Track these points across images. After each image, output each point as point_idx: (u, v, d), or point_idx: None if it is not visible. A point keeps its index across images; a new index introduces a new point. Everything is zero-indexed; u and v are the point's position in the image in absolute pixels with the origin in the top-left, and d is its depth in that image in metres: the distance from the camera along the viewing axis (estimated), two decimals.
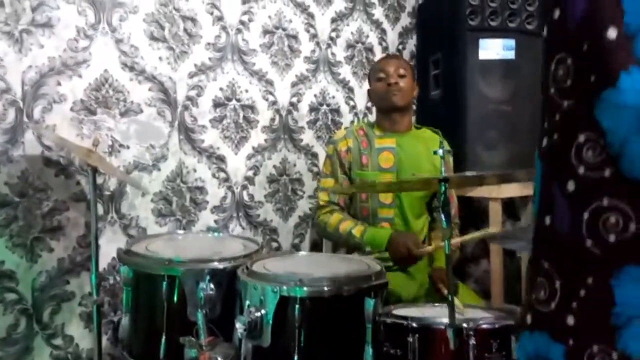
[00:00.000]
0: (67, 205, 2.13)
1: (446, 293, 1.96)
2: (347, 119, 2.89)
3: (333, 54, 2.84)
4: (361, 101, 2.93)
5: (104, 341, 2.14)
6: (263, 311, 1.52)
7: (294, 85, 2.71)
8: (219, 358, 1.60)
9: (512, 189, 2.60)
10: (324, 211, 2.26)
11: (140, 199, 2.30)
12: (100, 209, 2.18)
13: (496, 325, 1.55)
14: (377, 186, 2.18)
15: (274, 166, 2.66)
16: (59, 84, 2.10)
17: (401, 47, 3.08)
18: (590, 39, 0.72)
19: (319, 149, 2.78)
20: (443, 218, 1.48)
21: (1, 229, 2.00)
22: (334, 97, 2.84)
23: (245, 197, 2.58)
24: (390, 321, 1.56)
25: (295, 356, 1.49)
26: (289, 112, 2.70)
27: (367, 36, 2.96)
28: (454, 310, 1.44)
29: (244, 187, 2.57)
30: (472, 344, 1.48)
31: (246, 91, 2.56)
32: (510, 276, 2.79)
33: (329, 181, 2.29)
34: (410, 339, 1.52)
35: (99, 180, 2.11)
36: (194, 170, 2.43)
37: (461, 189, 2.52)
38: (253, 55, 2.58)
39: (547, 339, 0.77)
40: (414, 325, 1.53)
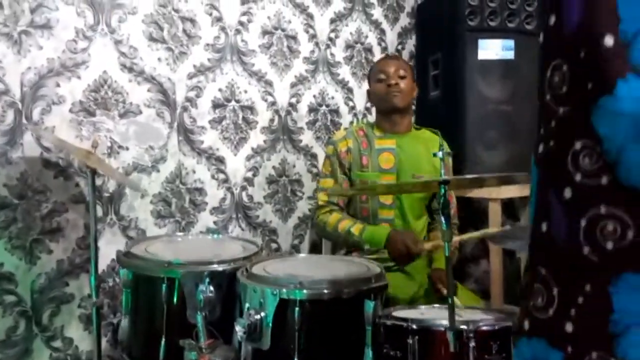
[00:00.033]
0: (66, 207, 2.13)
1: (445, 293, 1.98)
2: (346, 119, 2.88)
3: (332, 54, 2.84)
4: (360, 102, 2.92)
5: (104, 343, 2.15)
6: (263, 314, 1.52)
7: (293, 85, 2.71)
8: None
9: (511, 190, 2.60)
10: (323, 211, 2.26)
11: (139, 201, 2.30)
12: (99, 210, 2.18)
13: (496, 327, 1.54)
14: (377, 188, 2.18)
15: (273, 167, 2.66)
16: (57, 85, 2.10)
17: (400, 47, 3.08)
18: (587, 46, 0.72)
19: (318, 149, 2.77)
20: (443, 220, 1.48)
21: (0, 231, 2.00)
22: (333, 97, 2.84)
23: (245, 198, 2.58)
24: (390, 323, 1.56)
25: (295, 359, 1.49)
26: (288, 113, 2.70)
27: (366, 36, 2.96)
28: (454, 312, 1.44)
29: (243, 188, 2.57)
30: (472, 346, 1.48)
31: (245, 92, 2.56)
32: (510, 276, 2.79)
33: (328, 181, 2.29)
34: (410, 340, 1.52)
35: (98, 181, 2.11)
36: (193, 172, 2.43)
37: (461, 190, 2.52)
38: (252, 56, 2.58)
39: (545, 345, 0.77)
40: (414, 327, 1.53)
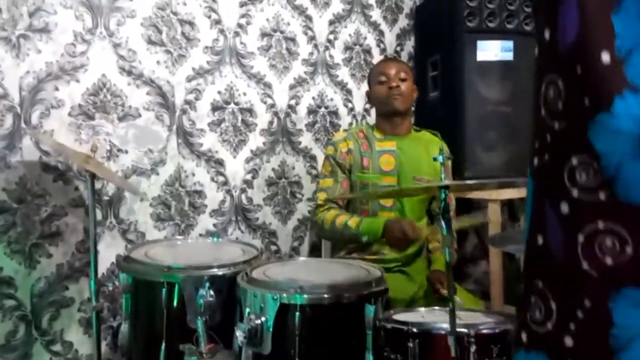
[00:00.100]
0: (65, 211, 2.12)
1: (444, 293, 1.99)
2: (345, 121, 2.88)
3: (331, 56, 2.83)
4: (359, 103, 2.92)
5: (103, 347, 2.14)
6: (263, 318, 1.52)
7: (292, 87, 2.70)
8: None
9: (511, 191, 2.59)
10: (321, 210, 2.27)
11: (138, 204, 2.29)
12: (98, 214, 2.17)
13: (496, 330, 1.55)
14: (377, 193, 2.19)
15: (273, 169, 2.66)
16: (56, 89, 2.10)
17: (399, 48, 3.08)
18: (584, 62, 0.71)
19: (317, 151, 2.77)
20: (443, 225, 1.48)
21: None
22: (332, 99, 2.84)
23: (244, 201, 2.57)
24: (390, 326, 1.56)
25: None
26: (287, 115, 2.69)
27: (365, 38, 2.95)
28: (455, 317, 1.44)
29: (242, 190, 2.56)
30: (472, 349, 1.49)
31: (244, 94, 2.55)
32: (510, 277, 2.79)
33: (328, 181, 2.29)
34: (411, 344, 1.53)
35: (97, 185, 2.10)
36: (193, 174, 2.43)
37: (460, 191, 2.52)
38: (251, 58, 2.58)
39: (545, 359, 0.77)
40: (415, 330, 1.53)
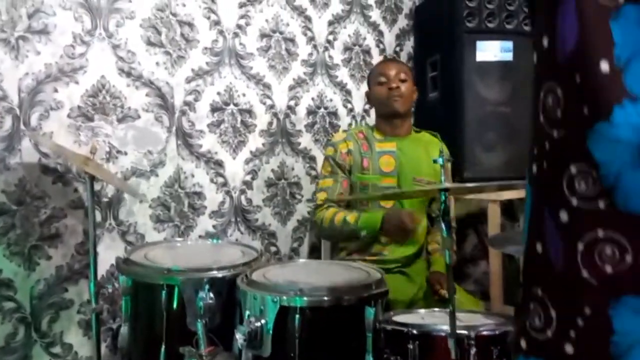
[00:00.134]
0: (64, 213, 2.12)
1: (444, 294, 1.99)
2: (344, 121, 2.88)
3: (330, 56, 2.83)
4: (359, 104, 2.92)
5: (103, 349, 2.14)
6: (263, 321, 1.51)
7: (291, 88, 2.70)
8: None
9: (511, 191, 2.59)
10: (320, 209, 2.27)
11: (138, 205, 2.29)
12: (98, 215, 2.17)
13: (497, 332, 1.55)
14: (377, 195, 2.19)
15: (272, 170, 2.65)
16: (55, 90, 2.09)
17: (398, 49, 3.07)
18: (583, 71, 0.71)
19: (317, 152, 2.77)
20: (443, 227, 1.47)
21: None
22: (331, 100, 2.83)
23: (244, 202, 2.57)
24: (390, 328, 1.56)
25: None
26: (287, 116, 2.69)
27: (365, 38, 2.95)
28: (455, 319, 1.44)
29: (242, 191, 2.56)
30: (472, 351, 1.49)
31: (244, 95, 2.55)
32: (510, 277, 2.79)
33: (328, 181, 2.29)
34: (411, 345, 1.53)
35: (96, 186, 2.09)
36: (192, 176, 2.42)
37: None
38: (250, 59, 2.57)
39: None
40: (415, 332, 1.54)
